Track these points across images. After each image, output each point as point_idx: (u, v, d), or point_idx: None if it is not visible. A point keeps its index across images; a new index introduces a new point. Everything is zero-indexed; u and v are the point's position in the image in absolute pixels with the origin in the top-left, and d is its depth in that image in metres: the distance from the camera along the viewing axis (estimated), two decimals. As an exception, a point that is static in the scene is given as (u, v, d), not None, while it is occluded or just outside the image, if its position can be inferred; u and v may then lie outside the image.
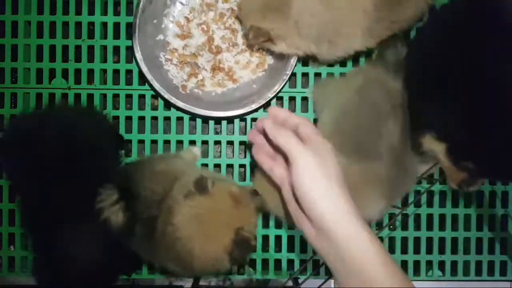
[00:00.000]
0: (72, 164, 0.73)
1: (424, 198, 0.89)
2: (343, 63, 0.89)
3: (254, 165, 0.80)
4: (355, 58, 0.89)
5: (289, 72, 0.85)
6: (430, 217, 0.90)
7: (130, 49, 0.88)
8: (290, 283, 0.84)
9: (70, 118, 0.81)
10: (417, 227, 0.90)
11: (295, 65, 0.86)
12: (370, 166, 0.72)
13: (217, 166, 0.90)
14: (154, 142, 0.90)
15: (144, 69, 0.84)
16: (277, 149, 0.68)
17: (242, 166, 0.90)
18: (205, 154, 0.90)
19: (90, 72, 0.90)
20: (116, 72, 0.90)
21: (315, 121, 0.87)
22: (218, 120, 0.90)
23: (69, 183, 0.72)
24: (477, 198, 0.90)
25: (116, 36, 0.90)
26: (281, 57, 0.86)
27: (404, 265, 0.90)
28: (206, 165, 0.89)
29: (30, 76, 0.89)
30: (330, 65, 0.89)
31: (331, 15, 0.77)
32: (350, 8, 0.77)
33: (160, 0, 0.88)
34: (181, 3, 0.90)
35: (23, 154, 0.74)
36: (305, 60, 0.89)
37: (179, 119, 0.90)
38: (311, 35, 0.79)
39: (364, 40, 0.80)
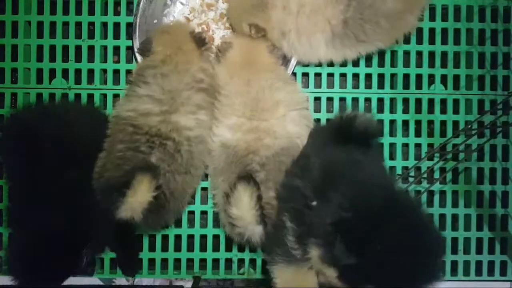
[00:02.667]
0: (69, 161, 0.73)
1: (424, 198, 0.89)
2: (343, 64, 0.89)
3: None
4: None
5: (289, 72, 0.85)
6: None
7: (130, 49, 0.88)
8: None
9: (70, 115, 0.81)
10: (417, 227, 0.90)
11: (295, 65, 0.86)
12: None
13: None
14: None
15: (144, 69, 0.84)
16: None
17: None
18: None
19: (90, 72, 0.90)
20: (116, 72, 0.90)
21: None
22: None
23: (64, 179, 0.73)
24: (477, 198, 0.90)
25: (117, 36, 0.90)
26: (282, 58, 0.86)
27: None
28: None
29: (30, 76, 0.89)
30: (330, 64, 0.89)
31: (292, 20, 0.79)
32: (313, 16, 0.77)
33: (160, 0, 0.88)
34: (181, 3, 0.90)
35: (22, 149, 0.74)
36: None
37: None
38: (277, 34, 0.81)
39: (328, 52, 0.81)
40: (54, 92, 0.89)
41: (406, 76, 0.91)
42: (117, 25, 0.90)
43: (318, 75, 0.91)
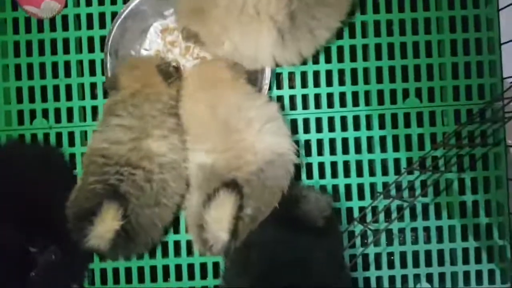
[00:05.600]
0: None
1: (407, 212, 0.89)
2: (316, 84, 0.90)
3: None
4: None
5: (266, 82, 0.85)
6: (414, 230, 0.91)
7: (105, 85, 0.89)
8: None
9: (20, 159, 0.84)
10: (402, 242, 0.91)
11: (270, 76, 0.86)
12: None
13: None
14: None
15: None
16: None
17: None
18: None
19: (70, 110, 0.91)
20: (95, 108, 0.92)
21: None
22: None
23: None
24: (460, 209, 0.90)
25: (92, 73, 0.91)
26: (254, 74, 0.85)
27: (392, 280, 0.90)
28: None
29: (11, 118, 0.91)
30: (303, 86, 0.89)
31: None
32: (257, 17, 0.75)
33: (125, 50, 0.88)
34: (145, 49, 0.91)
35: None
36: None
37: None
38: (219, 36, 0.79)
39: (277, 51, 0.79)
40: (36, 132, 0.91)
41: (380, 92, 0.91)
42: (92, 62, 0.91)
43: (292, 97, 0.91)
